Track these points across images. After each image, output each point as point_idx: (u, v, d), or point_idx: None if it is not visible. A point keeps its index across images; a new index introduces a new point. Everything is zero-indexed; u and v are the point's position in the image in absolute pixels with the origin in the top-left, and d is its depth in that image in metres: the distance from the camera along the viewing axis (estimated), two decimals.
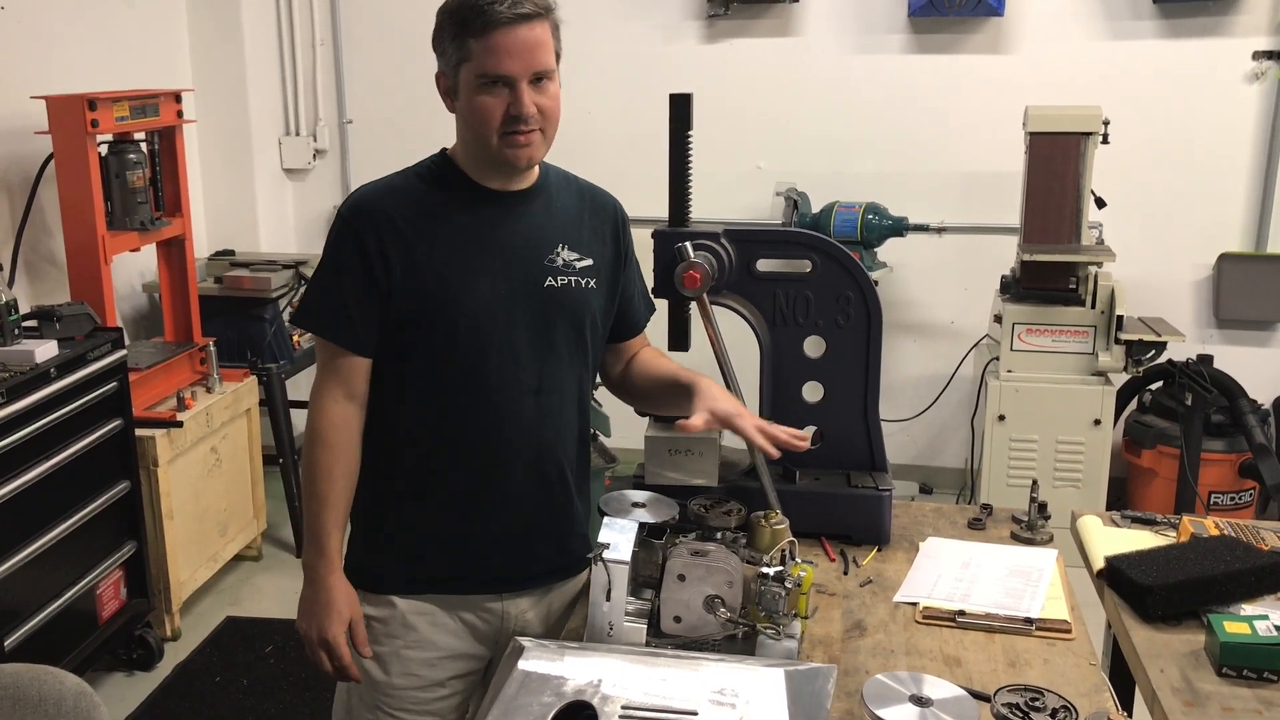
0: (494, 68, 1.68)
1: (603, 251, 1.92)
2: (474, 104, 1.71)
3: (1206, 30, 4.30)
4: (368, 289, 1.77)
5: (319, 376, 1.83)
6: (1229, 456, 4.14)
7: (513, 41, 1.67)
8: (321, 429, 1.80)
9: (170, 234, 3.81)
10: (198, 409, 3.68)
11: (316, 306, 1.82)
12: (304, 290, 1.90)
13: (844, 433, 2.17)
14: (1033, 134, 3.95)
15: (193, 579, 3.73)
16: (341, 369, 1.80)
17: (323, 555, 1.81)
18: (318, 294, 1.83)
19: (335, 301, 1.78)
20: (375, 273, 1.76)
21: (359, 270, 1.76)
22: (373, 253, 1.75)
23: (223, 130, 4.74)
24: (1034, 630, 1.80)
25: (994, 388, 4.07)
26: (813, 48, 4.58)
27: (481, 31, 1.66)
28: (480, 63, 1.68)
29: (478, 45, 1.67)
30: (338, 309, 1.78)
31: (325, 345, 1.81)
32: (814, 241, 2.13)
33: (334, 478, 1.81)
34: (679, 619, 1.66)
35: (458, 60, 1.71)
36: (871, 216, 4.33)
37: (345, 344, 1.79)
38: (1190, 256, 4.50)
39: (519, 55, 1.68)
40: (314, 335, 1.84)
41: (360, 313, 1.78)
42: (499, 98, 1.70)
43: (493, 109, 1.70)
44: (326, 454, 1.80)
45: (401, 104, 4.85)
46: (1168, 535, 2.13)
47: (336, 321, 1.79)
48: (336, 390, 1.80)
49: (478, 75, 1.69)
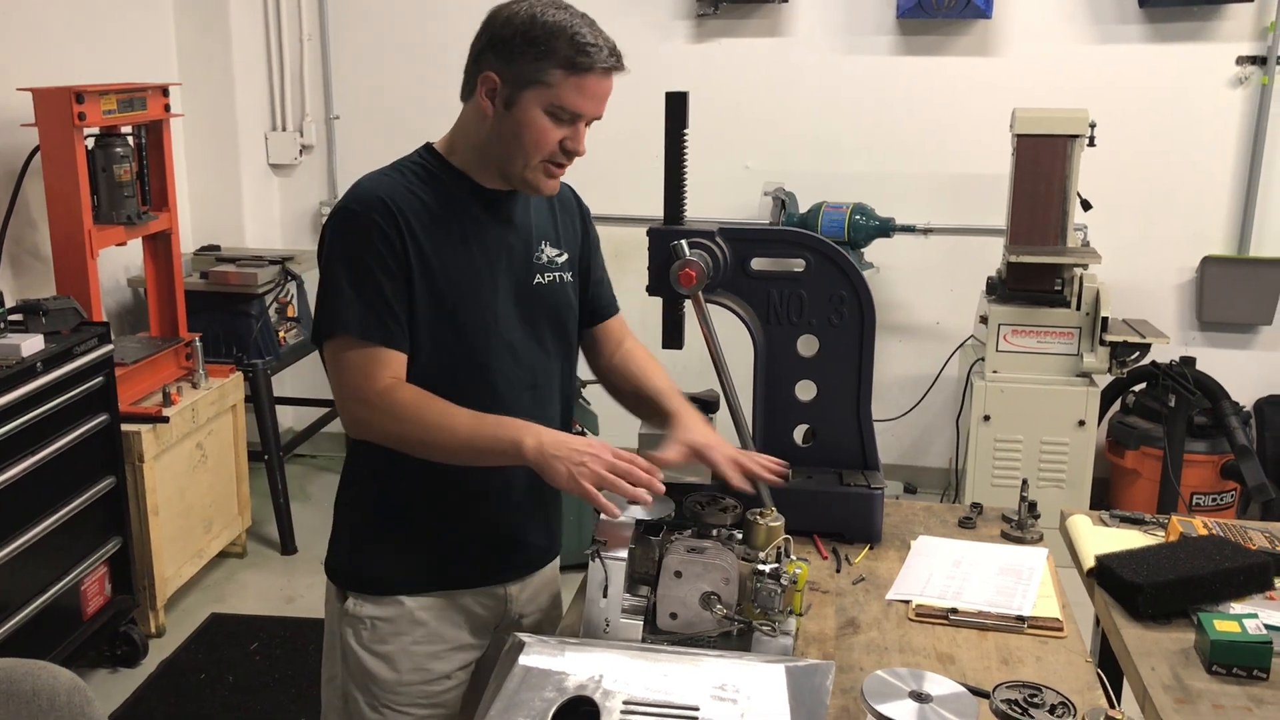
0: (576, 107, 1.70)
1: (574, 243, 1.96)
2: (536, 125, 1.70)
3: (1192, 35, 4.34)
4: (400, 284, 1.72)
5: (359, 378, 1.71)
6: (1211, 458, 4.17)
7: (600, 88, 1.71)
8: (401, 405, 1.70)
9: (157, 228, 3.80)
10: (183, 404, 3.66)
11: (359, 311, 1.70)
12: (323, 297, 1.75)
13: (836, 431, 2.18)
14: (1019, 136, 3.98)
15: (178, 575, 3.71)
16: (386, 362, 1.72)
17: (521, 429, 1.67)
18: (353, 296, 1.71)
19: (378, 301, 1.70)
20: (401, 267, 1.72)
21: (389, 264, 1.71)
22: (397, 246, 1.71)
23: (209, 125, 4.72)
24: (1026, 628, 1.81)
25: (979, 388, 4.09)
26: (802, 48, 4.59)
27: (578, 70, 1.68)
28: (563, 96, 1.68)
29: (566, 80, 1.68)
30: (383, 309, 1.71)
31: (369, 350, 1.71)
32: (808, 241, 2.14)
33: (451, 412, 1.70)
34: (675, 615, 1.67)
35: (531, 80, 1.68)
36: (859, 217, 4.34)
37: (399, 345, 1.73)
38: (1174, 259, 4.54)
39: (597, 100, 1.72)
40: (350, 341, 1.71)
41: (402, 310, 1.72)
42: (560, 129, 1.71)
43: (553, 138, 1.71)
44: (432, 412, 1.70)
45: (389, 100, 4.84)
46: (1156, 535, 2.15)
47: (385, 323, 1.71)
48: (384, 374, 1.72)
49: (555, 105, 1.69)
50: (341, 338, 1.72)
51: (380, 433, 1.74)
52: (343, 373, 1.74)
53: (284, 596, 3.92)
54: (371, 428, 1.74)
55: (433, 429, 1.70)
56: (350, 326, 1.71)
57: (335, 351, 1.74)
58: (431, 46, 4.67)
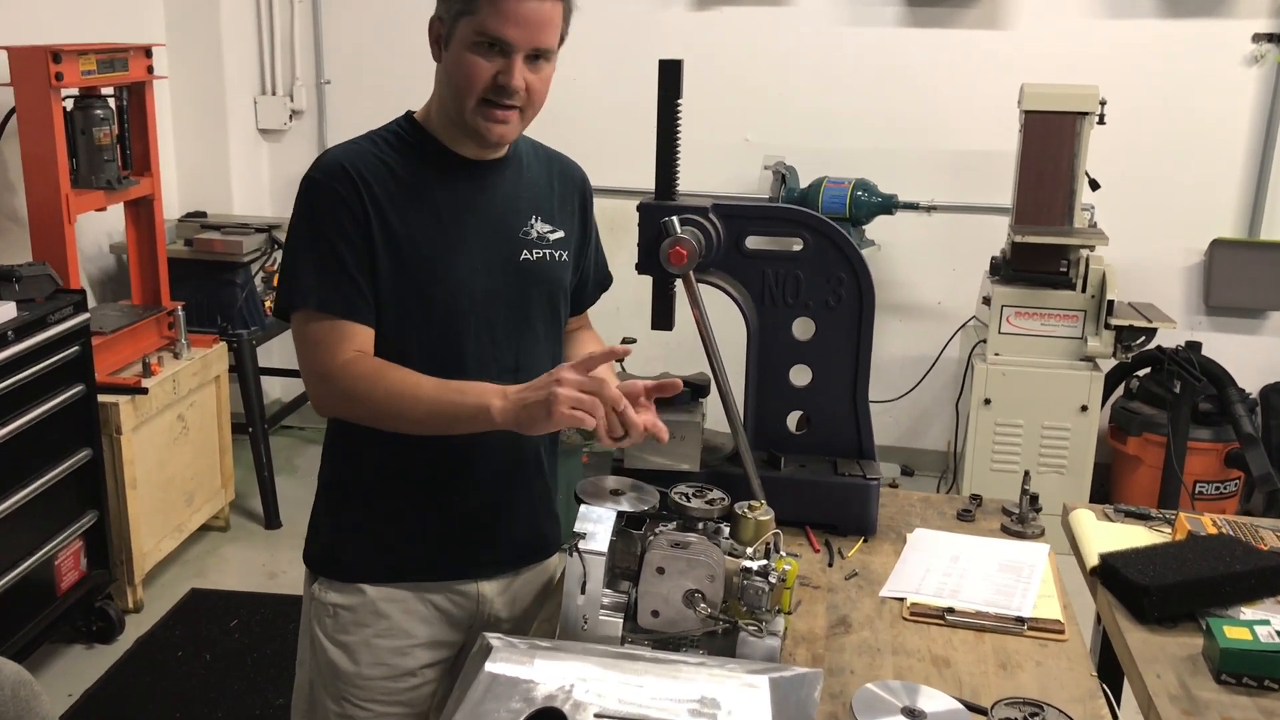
0: (496, 29, 1.58)
1: (571, 223, 1.85)
2: (463, 60, 1.60)
3: (1206, 10, 4.22)
4: (363, 255, 1.63)
5: (321, 352, 1.63)
6: (1215, 446, 4.09)
7: (524, 11, 1.58)
8: (362, 377, 1.61)
9: (138, 194, 3.69)
10: (164, 375, 3.57)
11: (316, 282, 1.62)
12: (283, 270, 1.68)
13: (831, 418, 2.09)
14: (1028, 112, 3.87)
15: (157, 549, 3.63)
16: (349, 336, 1.64)
17: (488, 392, 1.56)
18: (312, 268, 1.63)
19: (338, 272, 1.62)
20: (363, 236, 1.63)
21: (350, 234, 1.63)
22: (360, 215, 1.63)
23: (196, 88, 4.61)
24: (1025, 630, 1.73)
25: (980, 371, 4.00)
26: (805, 18, 4.48)
27: None
28: (483, 20, 1.58)
29: (488, 2, 1.57)
30: (342, 280, 1.62)
31: (330, 323, 1.63)
32: (806, 219, 2.03)
33: (413, 379, 1.61)
34: (657, 613, 1.58)
35: (460, 10, 1.60)
36: (861, 193, 4.24)
37: (361, 318, 1.64)
38: (1182, 241, 4.44)
39: (525, 25, 1.58)
40: (311, 314, 1.63)
41: (365, 281, 1.64)
42: (491, 62, 1.60)
43: (481, 71, 1.60)
44: (393, 381, 1.61)
45: (382, 65, 4.72)
46: (1162, 531, 2.06)
47: (346, 294, 1.62)
48: (346, 348, 1.63)
49: (476, 32, 1.58)
50: (302, 310, 1.65)
51: (344, 407, 1.67)
52: (305, 347, 1.67)
53: (266, 573, 3.85)
54: (335, 403, 1.67)
55: (395, 398, 1.61)
56: (309, 298, 1.63)
57: (298, 326, 1.67)
58: (427, 9, 4.50)
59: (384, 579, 1.78)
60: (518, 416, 1.53)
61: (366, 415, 1.66)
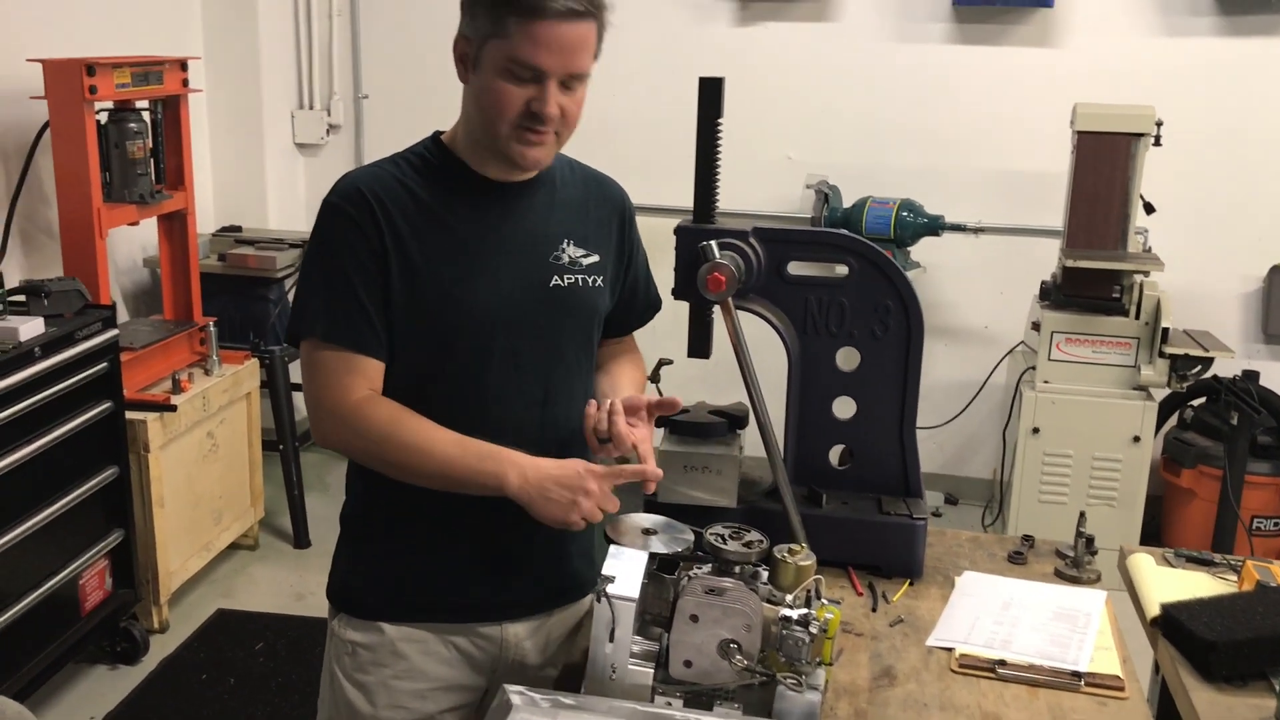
0: (529, 57, 1.50)
1: (608, 246, 1.76)
2: (494, 87, 1.53)
3: (1266, 29, 4.08)
4: (376, 284, 1.57)
5: (330, 386, 1.58)
6: (1274, 480, 3.93)
7: (557, 36, 1.50)
8: (375, 422, 1.57)
9: (171, 208, 3.65)
10: (194, 392, 3.53)
11: (325, 312, 1.57)
12: (296, 296, 1.69)
13: (876, 453, 1.99)
14: (1081, 133, 3.75)
15: (183, 569, 3.58)
16: (359, 370, 1.59)
17: (505, 463, 1.53)
18: (322, 297, 1.58)
19: (347, 303, 1.57)
20: (379, 265, 1.57)
21: (364, 262, 1.57)
22: (374, 243, 1.57)
23: (233, 102, 4.58)
24: (1083, 686, 1.62)
25: (1029, 398, 3.87)
26: (851, 34, 4.38)
27: (528, 14, 1.48)
28: (516, 47, 1.50)
29: (518, 27, 1.49)
30: (352, 310, 1.57)
31: (338, 354, 1.58)
32: (851, 244, 1.94)
33: (429, 434, 1.57)
34: (689, 664, 1.49)
35: (489, 33, 1.51)
36: (906, 214, 4.13)
37: (370, 351, 1.59)
38: (1239, 267, 4.29)
39: (559, 52, 1.51)
40: (318, 344, 1.59)
41: (376, 313, 1.58)
42: (524, 88, 1.52)
43: (514, 98, 1.53)
44: (407, 432, 1.57)
45: (419, 79, 4.66)
46: (1227, 579, 1.95)
47: (354, 325, 1.57)
48: (359, 384, 1.58)
49: (509, 58, 1.51)
50: (309, 340, 1.60)
51: (351, 448, 1.62)
52: (314, 380, 1.61)
53: (294, 593, 3.79)
54: (341, 442, 1.62)
55: (408, 450, 1.56)
56: (315, 327, 1.59)
57: (306, 356, 1.62)
58: None
59: (403, 618, 1.70)
60: (533, 502, 1.51)
61: (374, 461, 1.62)
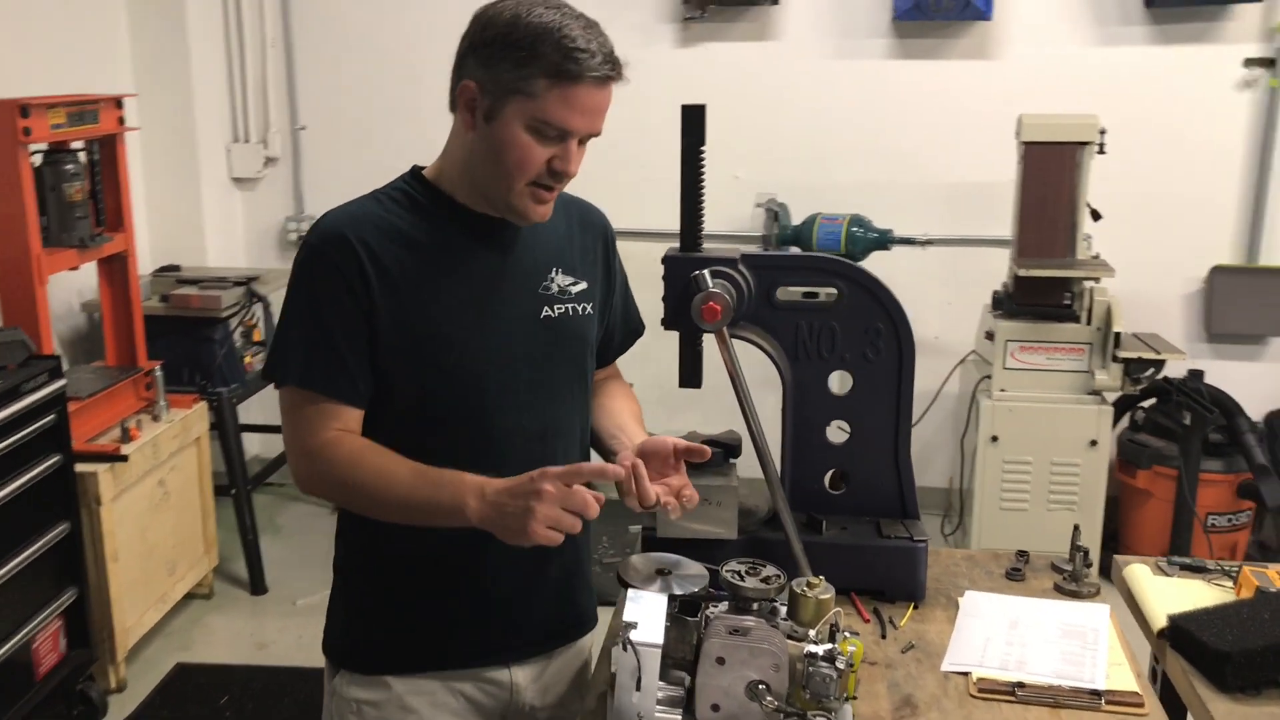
0: (563, 122, 1.48)
1: (594, 273, 1.74)
2: (518, 142, 1.49)
3: (1198, 36, 4.18)
4: (358, 330, 1.53)
5: (302, 429, 1.55)
6: (1226, 477, 4.00)
7: (590, 100, 1.49)
8: (339, 460, 1.52)
9: (112, 250, 3.53)
10: (144, 440, 3.40)
11: (302, 357, 1.54)
12: (274, 338, 1.61)
13: (872, 476, 1.97)
14: (1027, 144, 3.79)
15: (139, 624, 3.44)
16: (334, 416, 1.55)
17: (464, 489, 1.46)
18: (299, 341, 1.55)
19: (325, 349, 1.53)
20: (361, 310, 1.53)
21: (346, 307, 1.52)
22: (357, 288, 1.52)
23: (167, 138, 4.45)
24: (1103, 704, 1.61)
25: (987, 407, 3.90)
26: (793, 52, 4.40)
27: (564, 79, 1.46)
28: (546, 108, 1.47)
29: (552, 90, 1.46)
30: (329, 358, 1.53)
31: (313, 400, 1.54)
32: (841, 268, 1.93)
33: (390, 466, 1.52)
34: (717, 707, 1.45)
35: (514, 89, 1.48)
36: (856, 229, 4.14)
37: (346, 398, 1.55)
38: (1180, 269, 4.38)
39: (589, 115, 1.50)
40: (295, 390, 1.56)
41: (356, 360, 1.54)
42: (547, 147, 1.50)
43: (537, 157, 1.50)
44: (367, 467, 1.52)
45: (358, 109, 4.59)
46: (1223, 585, 1.96)
47: (330, 373, 1.54)
48: (328, 426, 1.55)
49: (537, 119, 1.48)
50: (286, 386, 1.56)
51: (323, 488, 1.58)
52: (288, 423, 1.58)
53: (255, 642, 3.67)
54: (315, 483, 1.58)
55: (368, 485, 1.52)
56: (290, 374, 1.55)
57: (282, 400, 1.59)
58: (403, 52, 4.43)
59: (410, 669, 1.65)
60: (493, 523, 1.44)
61: (344, 500, 1.59)
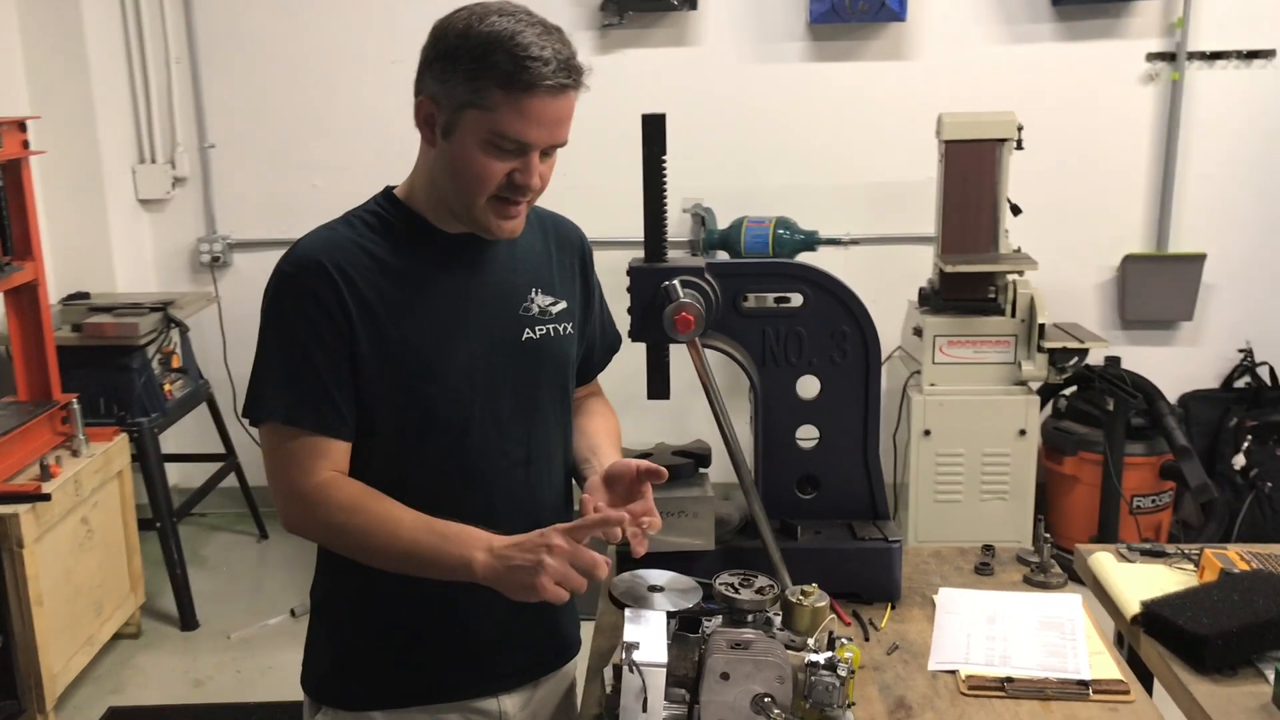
0: (517, 133, 1.43)
1: (573, 291, 1.71)
2: (474, 158, 1.45)
3: (1103, 32, 4.30)
4: (340, 360, 1.48)
5: (293, 470, 1.49)
6: (1149, 459, 4.12)
7: (547, 111, 1.43)
8: (336, 505, 1.47)
9: (21, 280, 3.37)
10: (65, 476, 3.26)
11: (285, 392, 1.48)
12: (253, 375, 1.55)
13: (843, 479, 1.98)
14: (948, 142, 3.85)
15: (67, 669, 3.29)
16: (323, 453, 1.50)
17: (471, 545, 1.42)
18: (280, 375, 1.49)
19: (309, 382, 1.48)
20: (342, 340, 1.47)
21: (327, 338, 1.47)
22: (337, 317, 1.47)
23: (69, 160, 4.27)
24: (1091, 694, 1.64)
25: (918, 402, 3.95)
26: (711, 57, 4.40)
27: (517, 90, 1.41)
28: (500, 120, 1.42)
29: (506, 101, 1.41)
30: (314, 391, 1.48)
31: (299, 437, 1.49)
32: (805, 273, 1.93)
33: (393, 514, 1.47)
34: None
35: (467, 102, 1.43)
36: (782, 231, 4.17)
37: (334, 432, 1.50)
38: (1094, 259, 4.50)
39: (547, 126, 1.45)
40: (280, 427, 1.50)
41: (341, 392, 1.48)
42: (505, 161, 1.45)
43: (494, 172, 1.46)
44: (369, 514, 1.47)
45: (269, 125, 4.46)
46: (1185, 569, 2.01)
47: (316, 407, 1.48)
48: (323, 466, 1.49)
49: (492, 131, 1.43)
50: (270, 424, 1.49)
51: (315, 532, 1.52)
52: (276, 465, 1.51)
53: (190, 680, 3.54)
54: (306, 526, 1.51)
55: (368, 532, 1.46)
56: (275, 412, 1.49)
57: (267, 440, 1.51)
58: (314, 65, 4.31)
59: (395, 703, 1.61)
60: (500, 578, 1.40)
61: (336, 544, 1.52)
